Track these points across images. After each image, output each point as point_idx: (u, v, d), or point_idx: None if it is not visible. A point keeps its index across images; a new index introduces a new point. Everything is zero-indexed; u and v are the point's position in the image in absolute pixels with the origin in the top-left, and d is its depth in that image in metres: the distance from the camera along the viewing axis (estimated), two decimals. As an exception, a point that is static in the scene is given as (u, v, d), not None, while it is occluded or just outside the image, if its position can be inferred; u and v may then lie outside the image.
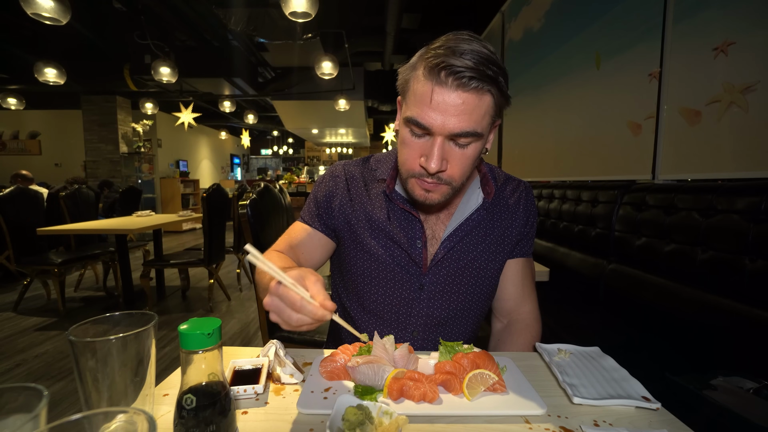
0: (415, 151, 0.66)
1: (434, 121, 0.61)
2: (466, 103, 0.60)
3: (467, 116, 0.60)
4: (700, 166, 1.41)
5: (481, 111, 0.61)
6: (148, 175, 7.57)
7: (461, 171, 0.67)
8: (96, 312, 3.21)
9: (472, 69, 0.58)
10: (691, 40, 1.45)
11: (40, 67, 4.12)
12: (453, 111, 0.60)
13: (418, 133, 0.64)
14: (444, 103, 0.60)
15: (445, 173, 0.66)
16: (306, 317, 0.49)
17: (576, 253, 1.89)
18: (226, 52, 5.19)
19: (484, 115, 0.62)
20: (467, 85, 0.59)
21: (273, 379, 0.61)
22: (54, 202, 3.76)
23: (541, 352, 0.69)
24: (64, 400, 1.92)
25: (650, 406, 0.53)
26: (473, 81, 0.58)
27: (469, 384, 0.56)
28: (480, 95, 0.60)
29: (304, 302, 0.48)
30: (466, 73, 0.58)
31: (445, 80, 0.59)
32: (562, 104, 2.43)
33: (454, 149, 0.64)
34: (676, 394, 0.79)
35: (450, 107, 0.60)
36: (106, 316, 0.46)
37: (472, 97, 0.60)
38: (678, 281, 1.28)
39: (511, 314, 0.88)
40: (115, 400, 0.42)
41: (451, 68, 0.58)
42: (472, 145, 0.65)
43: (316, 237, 0.84)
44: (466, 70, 0.58)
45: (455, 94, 0.59)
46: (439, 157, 0.63)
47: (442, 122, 0.61)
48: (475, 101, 0.60)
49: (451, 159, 0.65)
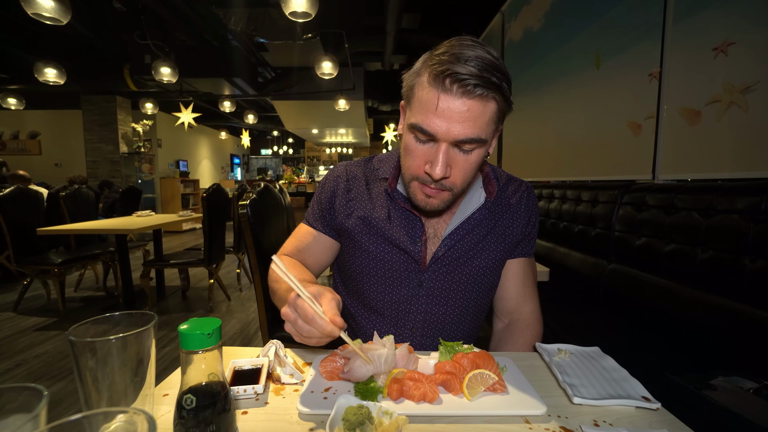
0: (420, 157, 0.66)
1: (439, 128, 0.61)
2: (471, 110, 0.60)
3: (472, 123, 0.61)
4: (700, 166, 1.41)
5: (486, 117, 0.62)
6: (148, 175, 7.56)
7: (464, 177, 0.67)
8: (96, 312, 3.21)
9: (477, 76, 0.58)
10: (691, 39, 1.45)
11: (40, 67, 4.11)
12: (458, 118, 0.60)
13: (423, 139, 0.65)
14: (449, 110, 0.60)
15: (448, 180, 0.66)
16: (315, 330, 0.52)
17: (576, 253, 1.89)
18: (226, 52, 5.19)
19: (489, 122, 0.63)
20: (472, 92, 0.59)
21: (273, 379, 0.61)
22: (54, 202, 3.76)
23: (541, 352, 0.69)
24: (64, 400, 1.92)
25: (650, 406, 0.53)
26: (478, 88, 0.59)
27: (469, 384, 0.56)
28: (484, 102, 0.61)
29: (316, 316, 0.52)
30: (470, 81, 0.58)
31: (450, 87, 0.59)
32: (562, 104, 2.43)
33: (458, 155, 0.65)
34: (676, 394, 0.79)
35: (455, 114, 0.60)
36: (106, 316, 0.46)
37: (476, 104, 0.60)
38: (678, 281, 1.28)
39: (513, 314, 0.88)
40: (115, 400, 0.42)
41: (455, 76, 0.58)
42: (476, 151, 0.65)
43: (321, 239, 0.86)
44: (471, 78, 0.58)
45: (460, 101, 0.60)
46: (443, 163, 0.63)
47: (447, 129, 0.61)
48: (479, 108, 0.60)
49: (454, 165, 0.65)
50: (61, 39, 4.88)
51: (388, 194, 0.80)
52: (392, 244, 0.79)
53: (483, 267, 0.81)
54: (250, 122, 7.63)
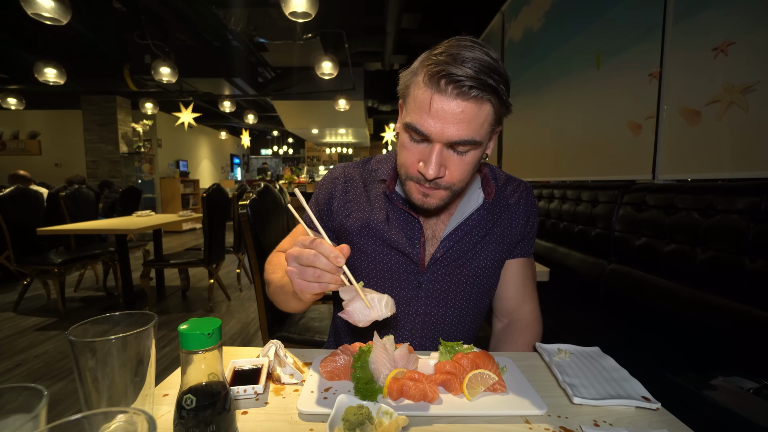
0: (414, 155, 0.66)
1: (433, 128, 0.61)
2: (465, 111, 0.60)
3: (466, 125, 0.60)
4: (700, 166, 1.41)
5: (480, 120, 0.61)
6: (148, 175, 7.56)
7: (460, 176, 0.67)
8: (96, 312, 3.21)
9: (473, 78, 0.58)
10: (691, 40, 1.45)
11: (40, 67, 4.12)
12: (452, 119, 0.60)
13: (417, 138, 0.65)
14: (443, 111, 0.60)
15: (444, 179, 0.66)
16: (321, 258, 0.53)
17: (576, 253, 1.89)
18: (226, 52, 5.19)
19: (483, 124, 0.62)
20: (467, 94, 0.59)
21: (273, 379, 0.61)
22: (54, 202, 3.76)
23: (541, 352, 0.69)
24: (64, 400, 1.92)
25: (650, 406, 0.53)
26: (473, 90, 0.58)
27: (469, 384, 0.56)
28: (479, 104, 0.60)
29: (317, 246, 0.53)
30: (466, 83, 0.58)
31: (445, 89, 0.59)
32: (562, 104, 2.43)
33: (452, 156, 0.65)
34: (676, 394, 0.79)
35: (449, 115, 0.60)
36: (106, 316, 0.46)
37: (471, 106, 0.60)
38: (678, 281, 1.28)
39: (512, 314, 0.88)
40: (115, 400, 0.42)
41: (451, 77, 0.58)
42: (471, 153, 0.65)
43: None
44: (467, 79, 0.58)
45: (455, 102, 0.59)
46: (437, 164, 0.63)
47: (440, 130, 0.61)
48: (474, 110, 0.60)
49: (449, 165, 0.65)
50: (61, 39, 4.88)
51: (386, 196, 0.80)
52: (391, 246, 0.79)
53: (482, 267, 0.81)
54: (250, 122, 7.63)
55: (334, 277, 0.54)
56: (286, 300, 0.73)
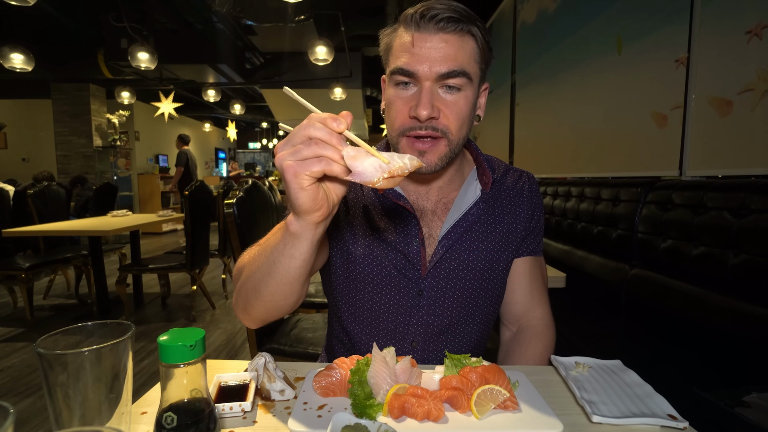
0: (404, 103, 0.70)
1: (420, 64, 0.67)
2: (449, 43, 0.67)
3: (453, 55, 0.67)
4: (731, 161, 1.41)
5: (466, 52, 0.68)
6: (124, 171, 7.57)
7: (456, 120, 0.69)
8: (67, 322, 3.21)
9: (451, 10, 0.66)
10: (721, 22, 1.45)
11: (5, 53, 4.12)
12: (436, 53, 0.66)
13: (405, 81, 0.69)
14: (427, 47, 0.67)
15: (440, 122, 0.69)
16: (319, 138, 0.49)
17: (595, 257, 1.89)
18: (210, 36, 5.20)
19: (470, 58, 0.69)
20: (447, 27, 0.66)
21: (262, 395, 0.61)
22: (21, 201, 3.77)
23: (556, 365, 0.69)
24: (32, 418, 1.92)
25: (677, 425, 0.53)
26: (452, 22, 0.66)
27: (478, 401, 0.56)
28: (461, 36, 0.67)
29: (310, 117, 0.52)
30: (444, 14, 0.66)
31: (426, 25, 0.66)
32: (579, 93, 2.43)
33: (443, 96, 0.69)
34: (706, 412, 0.79)
35: (433, 50, 0.66)
36: (78, 326, 0.46)
37: (454, 38, 0.67)
38: (707, 288, 1.28)
39: (521, 321, 0.88)
40: (89, 418, 0.42)
41: (429, 12, 0.66)
42: (463, 93, 0.69)
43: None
44: (445, 11, 0.66)
45: (437, 36, 0.67)
46: (428, 101, 0.67)
47: (428, 65, 0.66)
48: (458, 42, 0.67)
49: (442, 107, 0.69)
50: (29, 21, 4.89)
51: (377, 193, 0.80)
52: (389, 243, 0.79)
53: (487, 269, 0.81)
54: (236, 113, 7.65)
55: (336, 150, 0.48)
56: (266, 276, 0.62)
